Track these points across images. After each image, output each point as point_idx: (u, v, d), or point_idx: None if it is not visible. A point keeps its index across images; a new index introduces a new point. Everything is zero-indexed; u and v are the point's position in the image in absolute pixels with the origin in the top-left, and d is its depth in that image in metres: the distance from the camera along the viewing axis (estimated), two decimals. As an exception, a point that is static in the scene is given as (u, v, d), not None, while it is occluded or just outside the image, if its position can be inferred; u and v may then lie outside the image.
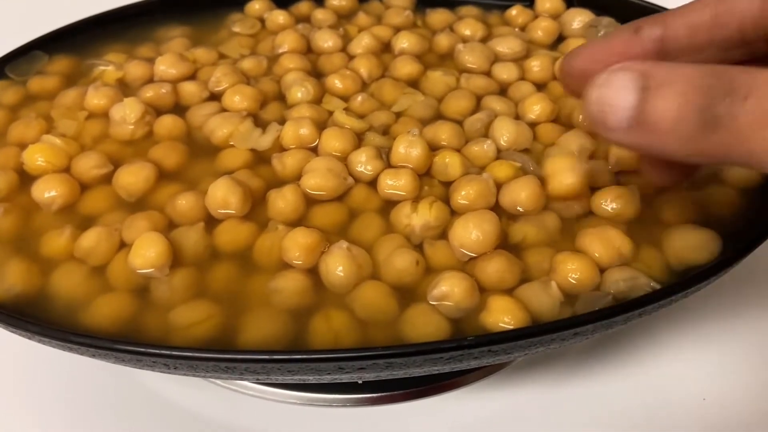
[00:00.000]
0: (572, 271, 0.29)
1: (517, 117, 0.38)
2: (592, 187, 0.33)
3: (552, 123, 0.38)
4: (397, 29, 0.47)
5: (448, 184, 0.34)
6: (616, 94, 0.23)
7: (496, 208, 0.32)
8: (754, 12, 0.25)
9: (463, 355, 0.26)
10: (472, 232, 0.30)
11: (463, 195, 0.32)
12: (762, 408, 0.35)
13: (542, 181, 0.33)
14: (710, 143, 0.21)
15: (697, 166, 0.29)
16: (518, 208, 0.32)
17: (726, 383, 0.36)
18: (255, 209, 0.33)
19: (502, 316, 0.27)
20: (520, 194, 0.32)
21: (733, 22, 0.26)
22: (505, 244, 0.31)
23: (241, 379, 0.36)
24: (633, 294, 0.28)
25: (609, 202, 0.32)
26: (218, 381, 0.37)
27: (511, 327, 0.27)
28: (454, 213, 0.32)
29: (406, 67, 0.42)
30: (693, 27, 0.27)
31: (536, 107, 0.38)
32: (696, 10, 0.27)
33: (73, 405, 0.36)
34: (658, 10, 0.45)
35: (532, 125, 0.37)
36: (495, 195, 0.33)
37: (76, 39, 0.46)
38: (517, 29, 0.48)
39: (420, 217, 0.31)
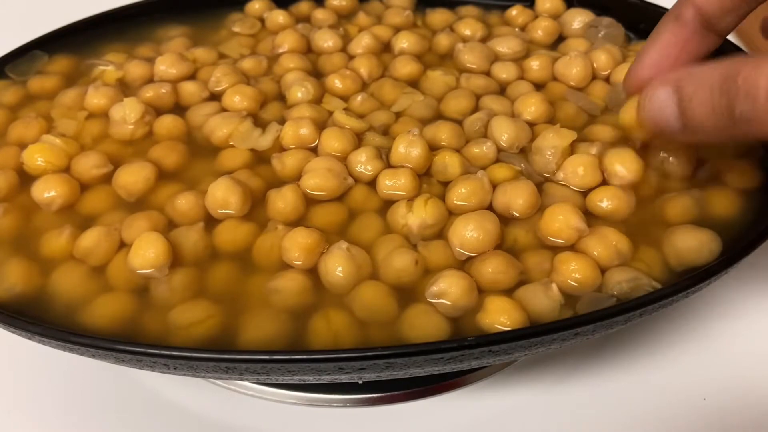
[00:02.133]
0: (573, 271, 0.29)
1: (513, 116, 0.38)
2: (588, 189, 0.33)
3: (548, 124, 0.38)
4: (397, 29, 0.47)
5: (447, 184, 0.34)
6: (661, 112, 0.28)
7: (490, 209, 0.32)
8: None
9: (464, 356, 0.26)
10: (473, 232, 0.30)
11: (458, 194, 0.32)
12: (762, 408, 0.35)
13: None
14: (746, 130, 0.25)
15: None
16: (513, 213, 0.32)
17: (726, 383, 0.36)
18: (255, 209, 0.33)
19: (499, 316, 0.27)
20: (517, 200, 0.32)
21: None
22: (504, 245, 0.31)
23: (241, 380, 0.36)
24: (634, 294, 0.28)
25: (604, 201, 0.32)
26: (218, 381, 0.37)
27: (508, 327, 0.27)
28: (451, 213, 0.32)
29: (406, 67, 0.42)
30: None
31: (531, 108, 0.38)
32: None
33: (73, 405, 0.36)
34: (657, 9, 0.45)
35: (528, 125, 0.37)
36: (490, 194, 0.33)
37: (76, 39, 0.46)
38: (517, 29, 0.48)
39: (416, 216, 0.31)
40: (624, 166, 0.33)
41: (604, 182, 0.34)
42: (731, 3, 0.31)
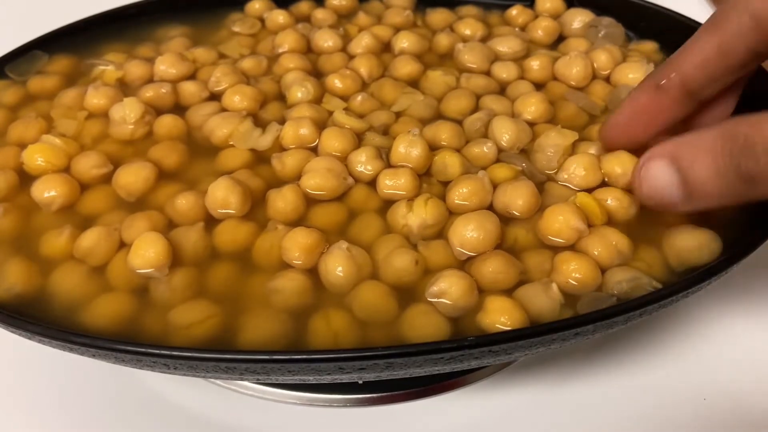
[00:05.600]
0: (574, 270, 0.29)
1: (513, 116, 0.38)
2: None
3: (548, 124, 0.38)
4: (397, 29, 0.47)
5: (447, 184, 0.34)
6: (661, 185, 0.27)
7: (490, 209, 0.32)
8: (751, 29, 0.27)
9: (464, 356, 0.26)
10: (473, 232, 0.30)
11: (459, 193, 0.32)
12: (762, 408, 0.35)
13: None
14: (756, 191, 0.25)
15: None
16: (513, 212, 0.32)
17: (726, 383, 0.36)
18: (255, 209, 0.33)
19: (499, 316, 0.27)
20: (517, 200, 0.32)
21: (738, 45, 0.28)
22: (504, 244, 0.31)
23: (241, 380, 0.36)
24: (635, 294, 0.28)
25: (605, 201, 0.32)
26: (218, 381, 0.37)
27: (508, 327, 0.27)
28: (452, 213, 0.32)
29: (406, 67, 0.42)
30: (704, 63, 0.29)
31: (531, 108, 0.38)
32: (700, 48, 0.30)
33: (73, 405, 0.36)
34: (657, 10, 0.45)
35: (528, 125, 0.37)
36: (491, 194, 0.33)
37: (76, 39, 0.46)
38: (517, 29, 0.48)
39: (416, 216, 0.31)
40: (623, 167, 0.33)
41: (605, 183, 0.34)
42: (717, 74, 0.30)
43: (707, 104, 0.32)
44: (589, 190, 0.33)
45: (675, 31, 0.44)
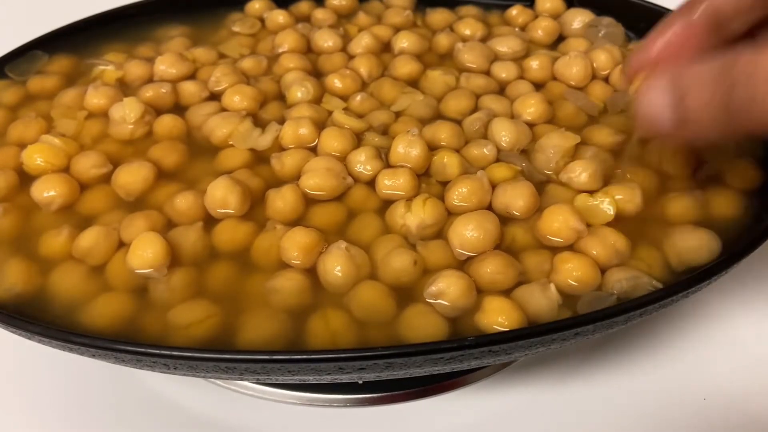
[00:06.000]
0: (573, 270, 0.29)
1: (512, 116, 0.38)
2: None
3: (548, 124, 0.38)
4: (397, 29, 0.47)
5: (446, 184, 0.34)
6: (656, 105, 0.28)
7: (488, 209, 0.32)
8: None
9: (464, 356, 0.26)
10: (473, 231, 0.30)
11: (458, 193, 0.32)
12: (762, 408, 0.35)
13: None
14: (744, 121, 0.25)
15: None
16: (513, 212, 0.32)
17: (726, 383, 0.36)
18: (254, 209, 0.33)
19: (497, 316, 0.27)
20: (517, 201, 0.32)
21: None
22: (502, 244, 0.31)
23: (241, 380, 0.36)
24: (635, 294, 0.28)
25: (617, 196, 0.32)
26: (218, 381, 0.37)
27: (506, 328, 0.27)
28: (450, 213, 0.32)
29: (405, 67, 0.42)
30: None
31: (530, 108, 0.38)
32: None
33: (73, 405, 0.36)
34: (657, 9, 0.45)
35: (528, 126, 0.37)
36: (490, 193, 0.33)
37: (76, 39, 0.46)
38: (517, 29, 0.48)
39: (414, 216, 0.31)
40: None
41: (606, 184, 0.34)
42: (746, 4, 0.30)
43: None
44: (590, 192, 0.33)
45: (675, 31, 0.44)
